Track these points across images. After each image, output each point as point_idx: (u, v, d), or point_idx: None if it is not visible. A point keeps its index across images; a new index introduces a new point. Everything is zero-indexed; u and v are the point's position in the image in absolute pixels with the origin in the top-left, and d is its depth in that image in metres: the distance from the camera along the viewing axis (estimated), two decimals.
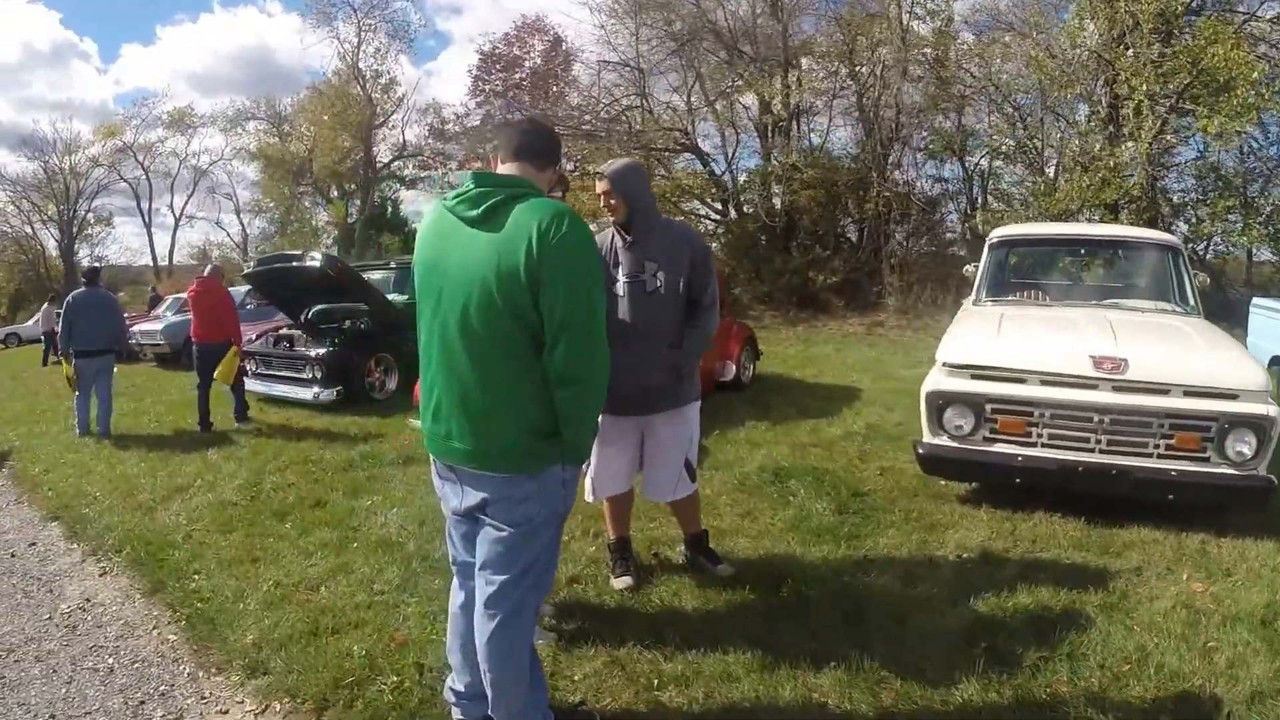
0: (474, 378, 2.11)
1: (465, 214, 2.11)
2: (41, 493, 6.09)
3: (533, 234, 1.99)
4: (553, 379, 2.08)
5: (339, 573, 4.18)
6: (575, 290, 2.03)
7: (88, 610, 4.07)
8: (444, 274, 2.14)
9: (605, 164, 3.60)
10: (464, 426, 2.16)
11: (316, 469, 6.17)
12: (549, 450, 2.17)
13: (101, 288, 8.22)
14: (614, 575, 3.80)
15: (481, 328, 2.07)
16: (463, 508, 2.29)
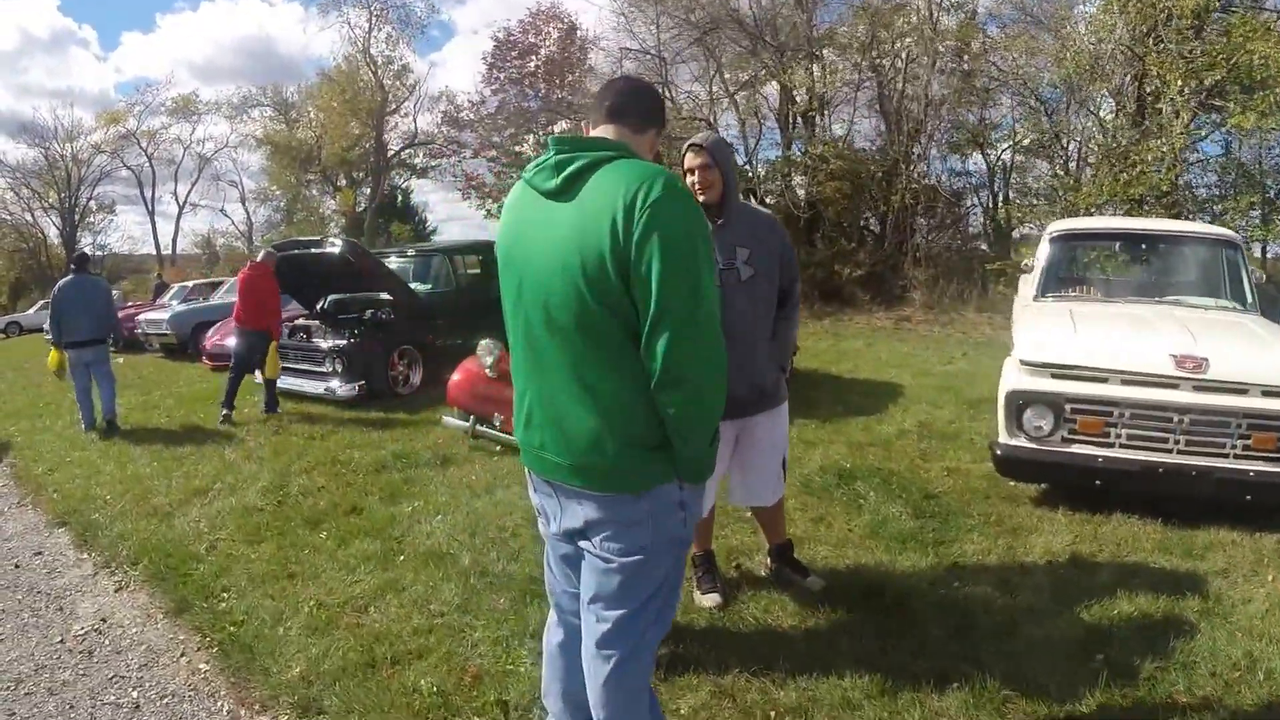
0: (565, 380, 1.80)
1: (544, 185, 1.79)
2: (46, 495, 5.60)
3: (619, 202, 1.64)
4: (655, 381, 1.72)
5: (388, 591, 3.72)
6: (675, 270, 1.64)
7: (104, 633, 3.59)
8: (524, 260, 1.83)
9: (695, 135, 3.24)
10: (558, 438, 1.84)
11: (346, 470, 5.69)
12: (659, 465, 1.81)
13: (92, 274, 7.69)
14: (700, 592, 3.48)
15: (569, 321, 1.74)
16: (562, 529, 1.95)
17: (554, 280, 1.74)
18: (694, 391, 1.73)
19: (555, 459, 1.85)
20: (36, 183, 39.32)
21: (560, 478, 1.87)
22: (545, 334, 1.80)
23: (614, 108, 1.90)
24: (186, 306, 14.18)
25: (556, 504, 1.94)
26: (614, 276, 1.66)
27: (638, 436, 1.78)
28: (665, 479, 1.82)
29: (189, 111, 39.84)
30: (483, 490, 5.12)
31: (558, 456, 1.84)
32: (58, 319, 7.36)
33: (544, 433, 1.87)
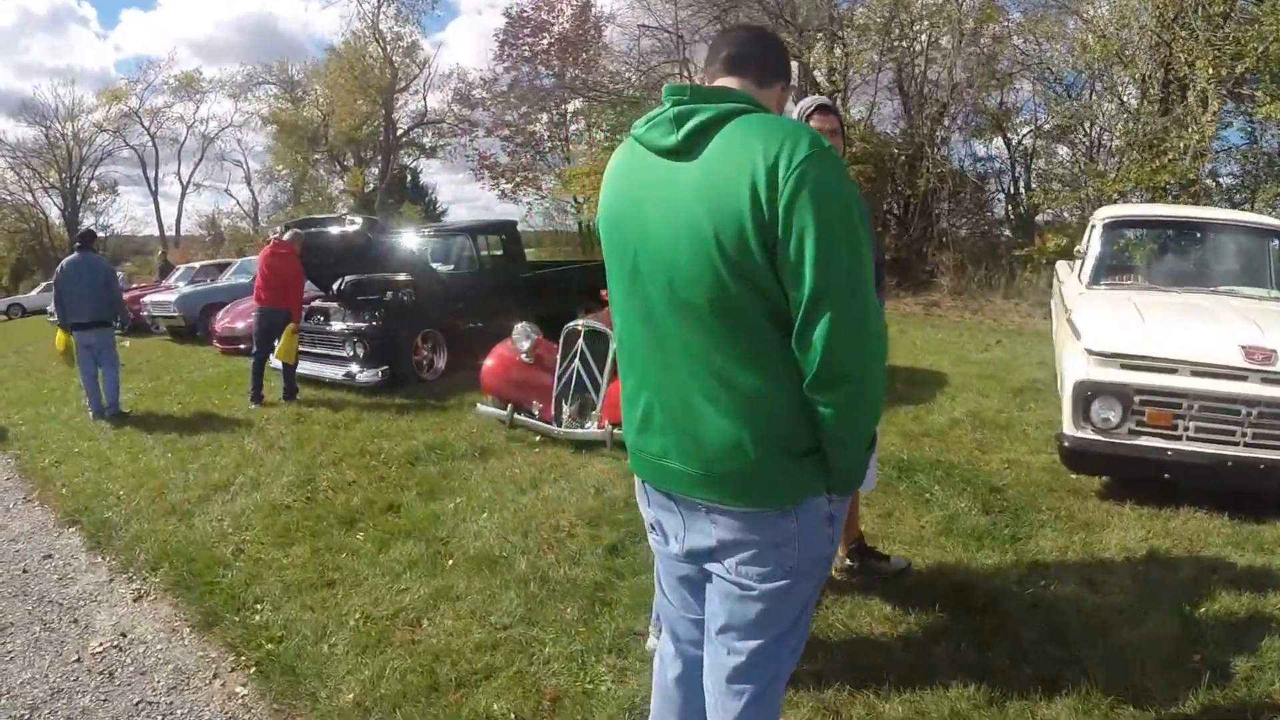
0: (696, 375, 1.52)
1: (661, 142, 1.51)
2: (54, 490, 5.21)
3: (758, 162, 1.37)
4: (809, 377, 1.45)
5: (440, 600, 3.36)
6: (833, 244, 1.37)
7: (125, 650, 3.22)
8: (639, 232, 1.55)
9: (807, 100, 2.93)
10: (687, 443, 1.56)
11: (377, 463, 5.29)
12: (808, 475, 1.54)
13: (95, 253, 7.26)
14: None
15: (702, 303, 1.46)
16: (685, 550, 1.69)
17: (680, 254, 1.46)
18: (856, 389, 1.46)
19: (681, 468, 1.58)
20: (37, 162, 38.70)
21: (687, 490, 1.60)
22: (672, 320, 1.52)
23: (734, 57, 1.63)
24: (194, 288, 13.73)
25: (678, 521, 1.68)
26: (756, 249, 1.39)
27: (785, 441, 1.51)
28: (814, 491, 1.56)
29: (192, 89, 39.27)
30: (528, 485, 4.73)
31: (685, 465, 1.57)
32: (61, 300, 7.01)
33: (667, 438, 1.59)
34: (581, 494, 4.56)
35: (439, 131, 32.49)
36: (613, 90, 17.69)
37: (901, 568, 3.41)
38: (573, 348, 5.62)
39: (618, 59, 19.04)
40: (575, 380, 5.57)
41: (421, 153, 34.11)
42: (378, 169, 34.02)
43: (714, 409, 1.51)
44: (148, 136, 40.17)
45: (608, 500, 4.44)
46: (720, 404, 1.50)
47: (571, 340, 5.65)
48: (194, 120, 41.00)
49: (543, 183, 24.56)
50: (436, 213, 32.68)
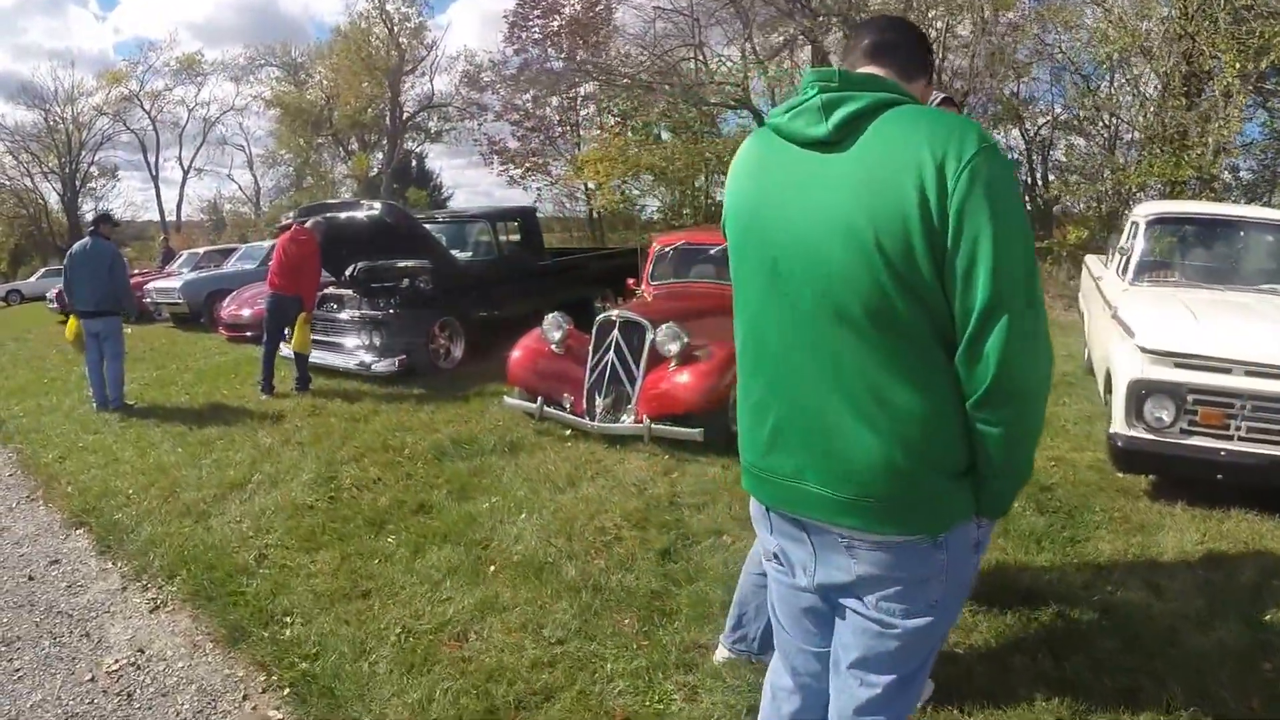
0: (849, 387, 1.37)
1: (807, 132, 1.38)
2: (59, 488, 4.91)
3: (925, 158, 1.26)
4: (978, 393, 1.32)
5: (486, 611, 3.09)
6: (1009, 249, 1.25)
7: (143, 667, 2.93)
8: (782, 230, 1.41)
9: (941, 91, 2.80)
10: (827, 464, 1.41)
11: (401, 459, 5.00)
12: (960, 499, 1.41)
13: (103, 238, 6.80)
14: None
15: (858, 311, 1.33)
16: (815, 584, 1.54)
17: (834, 257, 1.33)
18: (1027, 407, 1.35)
19: (820, 491, 1.42)
20: (36, 146, 38.19)
21: (825, 517, 1.44)
22: (821, 327, 1.37)
23: (878, 46, 1.51)
24: (199, 274, 13.37)
25: (808, 552, 1.53)
26: (922, 253, 1.27)
27: (941, 462, 1.38)
28: (965, 516, 1.42)
29: (193, 72, 38.70)
30: (565, 483, 4.45)
31: (826, 488, 1.41)
32: (69, 287, 6.73)
33: (803, 457, 1.43)
34: (623, 493, 4.29)
35: (445, 116, 32.03)
36: (625, 73, 17.31)
37: None
38: (606, 339, 5.34)
39: (631, 41, 18.71)
40: (609, 372, 5.28)
41: (427, 137, 33.70)
42: (382, 154, 33.55)
43: (865, 426, 1.35)
44: (148, 120, 39.76)
45: (651, 500, 4.18)
46: (873, 421, 1.35)
47: (605, 331, 5.36)
48: (195, 104, 40.60)
49: (552, 168, 24.21)
50: (442, 198, 32.32)
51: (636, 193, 20.28)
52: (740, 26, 17.44)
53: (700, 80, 17.15)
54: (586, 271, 9.95)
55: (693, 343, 5.10)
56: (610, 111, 20.13)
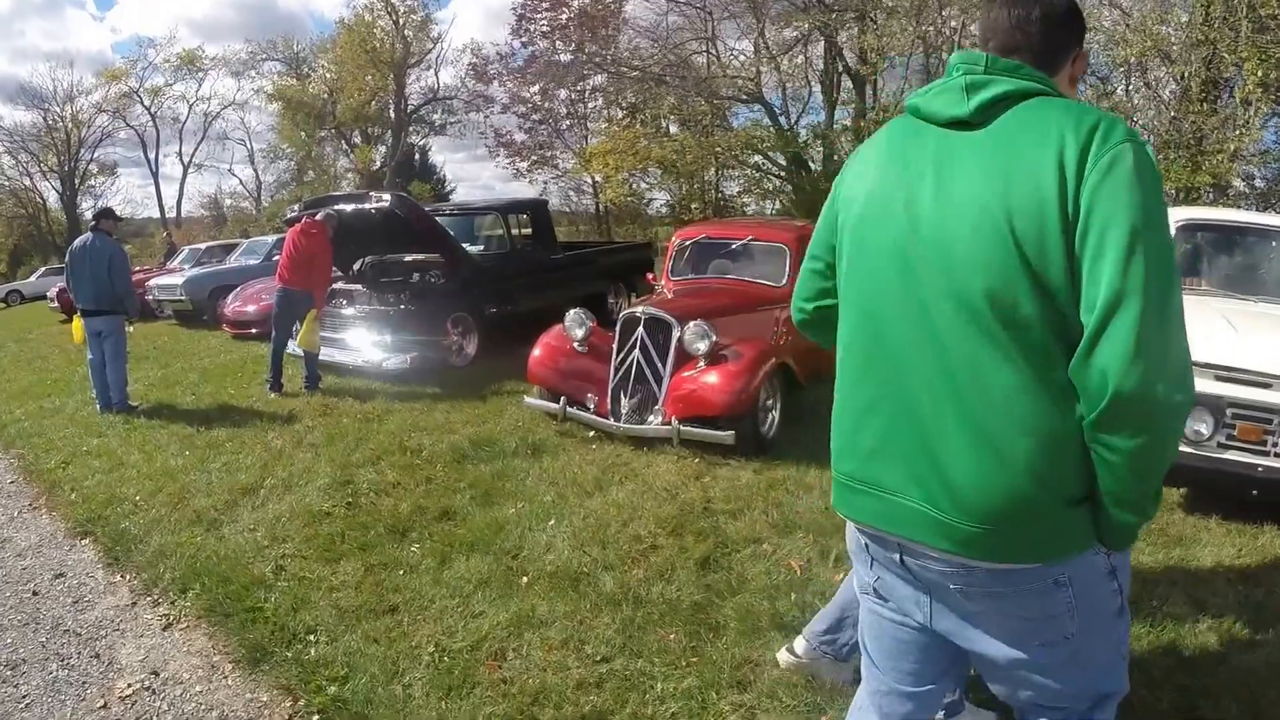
0: (965, 393, 1.24)
1: (947, 110, 1.30)
2: (63, 495, 4.71)
3: (1068, 140, 1.17)
4: (1092, 410, 1.17)
5: (524, 628, 2.90)
6: (1141, 238, 1.12)
7: (158, 692, 2.73)
8: (910, 216, 1.30)
9: None
10: (936, 477, 1.27)
11: (420, 462, 4.80)
12: (1082, 526, 1.27)
13: (105, 235, 6.52)
14: None
15: (981, 299, 1.21)
16: (918, 620, 1.44)
17: (960, 239, 1.23)
18: (1151, 430, 1.16)
19: (923, 508, 1.29)
20: (35, 146, 37.89)
21: (925, 538, 1.31)
22: (943, 322, 1.25)
23: (1022, 35, 1.41)
24: (202, 270, 13.14)
25: (915, 594, 1.41)
26: (1056, 247, 1.17)
27: (1062, 486, 1.24)
28: (1083, 546, 1.29)
29: (194, 68, 38.37)
30: (593, 487, 4.26)
31: (930, 505, 1.28)
32: (70, 284, 6.52)
33: (908, 468, 1.31)
34: (655, 498, 4.09)
35: (449, 109, 31.82)
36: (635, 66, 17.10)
37: None
38: (631, 336, 5.13)
39: (643, 33, 18.51)
40: (635, 371, 5.08)
41: (430, 130, 33.49)
42: (386, 147, 33.29)
43: (980, 439, 1.23)
44: (148, 116, 39.40)
45: (685, 505, 3.99)
46: (990, 434, 1.22)
47: (630, 329, 5.16)
48: (195, 99, 40.23)
49: (560, 161, 24.01)
50: (445, 191, 32.10)
51: (645, 186, 20.07)
52: (753, 20, 17.25)
53: (712, 73, 16.96)
54: (599, 266, 9.74)
55: (719, 341, 4.91)
56: (619, 104, 19.90)
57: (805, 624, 2.83)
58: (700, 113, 17.11)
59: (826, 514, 3.84)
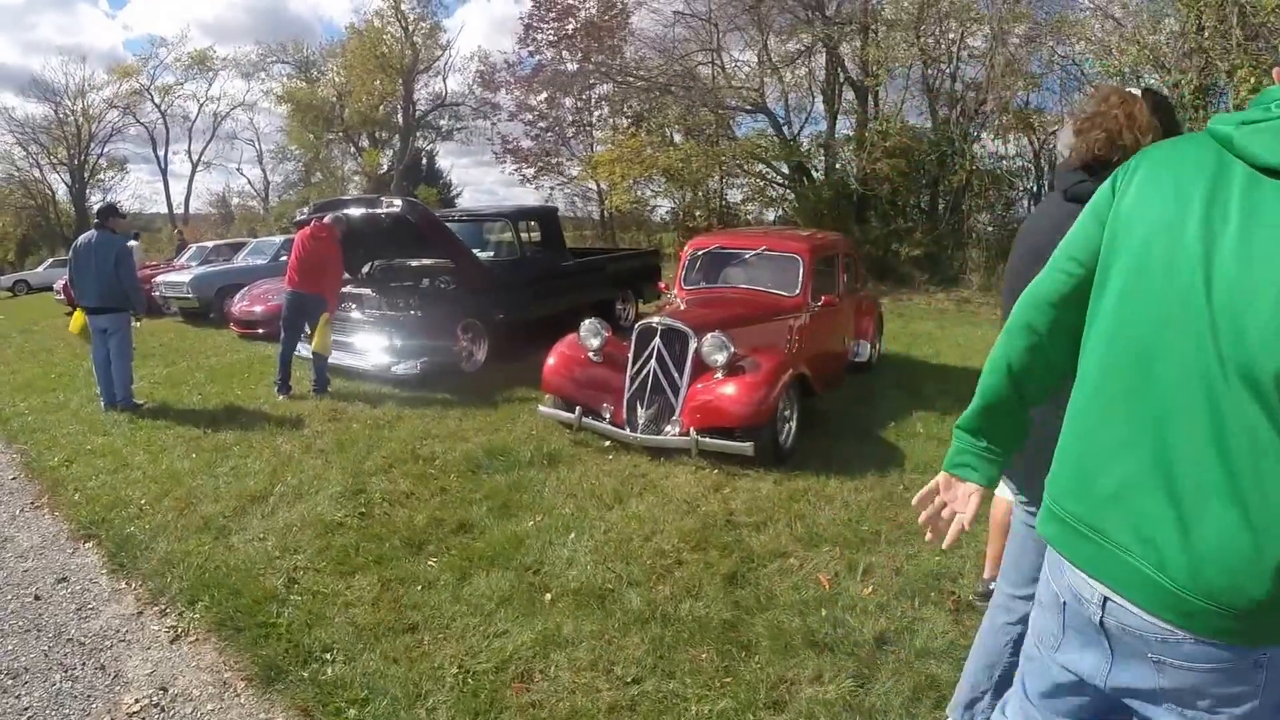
0: (1232, 459, 1.12)
1: (1264, 155, 1.12)
2: (66, 495, 4.59)
3: None
4: None
5: (550, 647, 2.81)
6: None
7: (167, 709, 2.62)
8: (1202, 256, 1.16)
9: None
10: (1187, 551, 1.15)
11: (433, 470, 4.70)
12: None
13: (110, 231, 6.39)
14: None
15: (1270, 380, 1.09)
16: (1108, 686, 1.31)
17: (1260, 311, 1.10)
18: None
19: (1151, 573, 1.19)
20: (45, 138, 37.87)
21: (1145, 602, 1.21)
22: (1220, 382, 1.14)
23: None
24: (209, 268, 13.03)
25: (1099, 644, 1.32)
26: None
27: None
28: None
29: (204, 68, 38.40)
30: (612, 500, 4.16)
31: (1162, 574, 1.18)
32: (73, 280, 6.40)
33: (1142, 527, 1.20)
34: (676, 511, 4.01)
35: (457, 115, 31.83)
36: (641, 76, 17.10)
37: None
38: (648, 346, 5.04)
39: (648, 44, 18.53)
40: (651, 382, 4.98)
41: (438, 135, 33.48)
42: (393, 151, 33.30)
43: (1249, 520, 1.12)
44: (158, 114, 39.42)
45: (707, 518, 3.91)
46: (1262, 517, 1.12)
47: (646, 338, 5.07)
48: (205, 99, 40.29)
49: (565, 169, 23.98)
50: (451, 196, 32.08)
51: (650, 194, 20.05)
52: (757, 33, 17.27)
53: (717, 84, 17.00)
54: (608, 273, 9.66)
55: (737, 352, 4.83)
56: (624, 113, 19.90)
57: (839, 641, 2.78)
58: (705, 122, 17.12)
59: (850, 526, 3.83)
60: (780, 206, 18.56)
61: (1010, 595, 2.12)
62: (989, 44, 15.62)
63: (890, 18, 16.87)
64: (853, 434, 5.36)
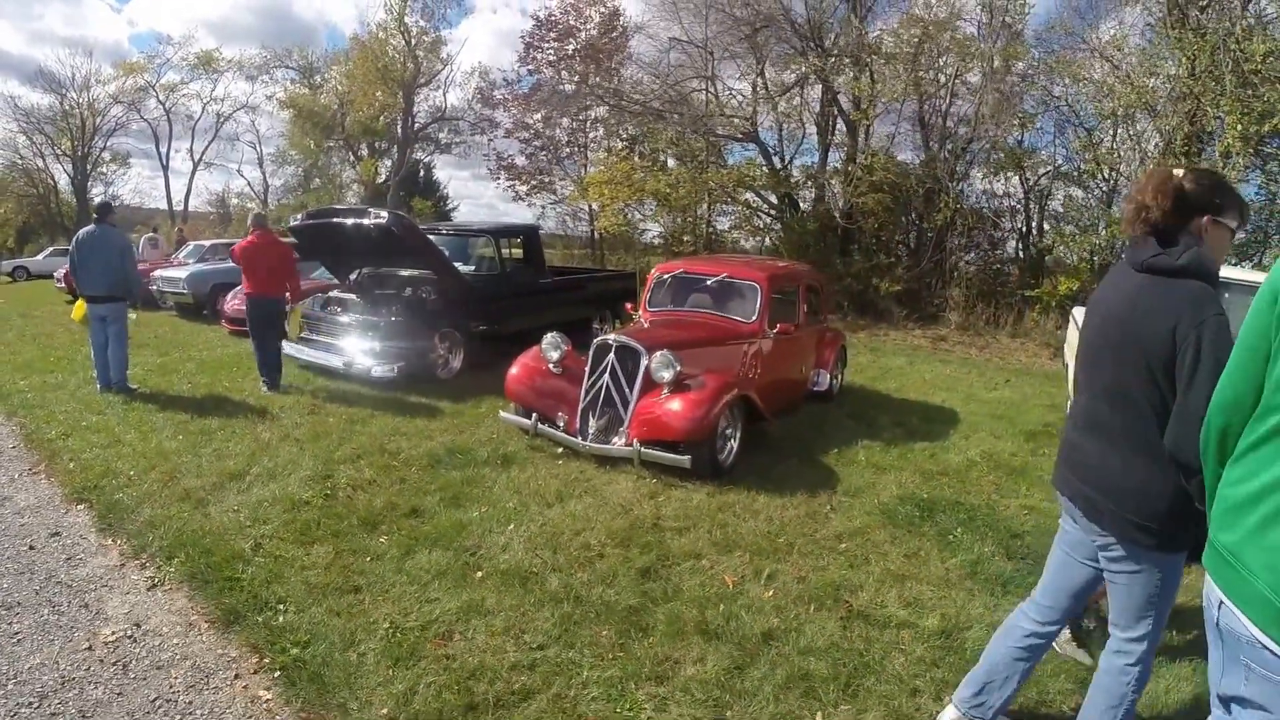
0: None
1: None
2: (61, 464, 5.05)
3: None
4: None
5: (472, 614, 3.24)
6: None
7: (139, 641, 3.07)
8: None
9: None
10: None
11: (396, 463, 5.15)
12: None
13: (111, 226, 7.12)
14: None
15: None
16: (1218, 692, 1.56)
17: None
18: None
19: (1269, 595, 1.39)
20: (50, 129, 38.48)
21: (1255, 616, 1.42)
22: None
23: None
24: (205, 265, 13.54)
25: (1218, 657, 1.53)
26: None
27: None
28: None
29: (209, 69, 39.11)
30: (553, 499, 4.61)
31: (1277, 596, 1.38)
32: (75, 271, 6.96)
33: (1270, 555, 1.40)
34: (609, 512, 4.45)
35: (456, 129, 32.54)
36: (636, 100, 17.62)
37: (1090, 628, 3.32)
38: (603, 362, 5.50)
39: (644, 69, 19.08)
40: (604, 394, 5.45)
41: (436, 148, 34.21)
42: (391, 161, 33.94)
43: None
44: (162, 111, 40.05)
45: (636, 520, 4.34)
46: None
47: (602, 354, 5.53)
48: (209, 98, 40.95)
49: (558, 188, 24.59)
50: (446, 209, 32.67)
51: (639, 217, 20.54)
52: (754, 62, 17.79)
53: (709, 111, 17.47)
54: (586, 292, 10.16)
55: (685, 371, 5.26)
56: (620, 135, 20.47)
57: (729, 632, 3.16)
58: (696, 149, 17.56)
59: (767, 537, 4.18)
60: (767, 236, 18.96)
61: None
62: (982, 79, 15.73)
63: (889, 52, 17.28)
64: (796, 456, 5.72)
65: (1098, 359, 2.27)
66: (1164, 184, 2.10)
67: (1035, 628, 2.51)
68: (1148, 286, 2.11)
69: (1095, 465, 2.26)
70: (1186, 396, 1.95)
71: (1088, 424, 2.31)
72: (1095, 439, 2.27)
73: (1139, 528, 2.12)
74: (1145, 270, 2.13)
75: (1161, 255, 2.08)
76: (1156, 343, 2.03)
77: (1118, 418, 2.19)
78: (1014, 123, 16.64)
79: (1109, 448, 2.22)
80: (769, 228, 18.52)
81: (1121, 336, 2.15)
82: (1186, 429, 1.90)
